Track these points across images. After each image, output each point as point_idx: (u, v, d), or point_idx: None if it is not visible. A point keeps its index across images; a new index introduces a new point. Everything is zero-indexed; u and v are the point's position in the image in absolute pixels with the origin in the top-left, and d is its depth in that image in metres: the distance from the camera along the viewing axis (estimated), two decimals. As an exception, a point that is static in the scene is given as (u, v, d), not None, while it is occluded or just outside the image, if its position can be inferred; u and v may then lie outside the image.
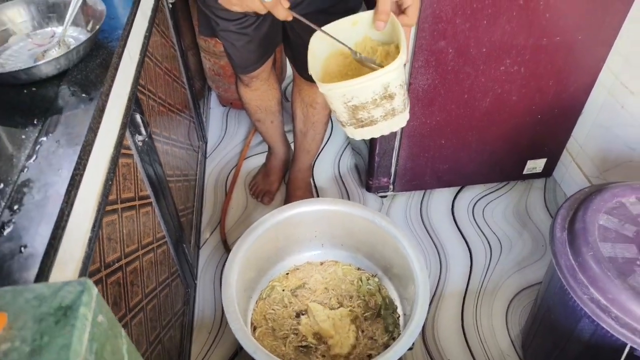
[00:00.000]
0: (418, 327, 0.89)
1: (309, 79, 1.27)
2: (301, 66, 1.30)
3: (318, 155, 1.80)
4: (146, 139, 1.03)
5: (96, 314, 0.39)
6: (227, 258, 1.08)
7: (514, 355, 1.27)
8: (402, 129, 1.42)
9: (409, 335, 0.88)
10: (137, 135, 0.99)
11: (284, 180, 1.71)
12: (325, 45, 0.79)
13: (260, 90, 1.38)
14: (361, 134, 0.80)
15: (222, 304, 1.37)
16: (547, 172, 1.65)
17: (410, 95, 1.34)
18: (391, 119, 0.77)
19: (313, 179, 1.72)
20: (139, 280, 0.95)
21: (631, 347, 0.85)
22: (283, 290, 1.14)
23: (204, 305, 1.39)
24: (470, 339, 1.31)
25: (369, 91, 0.71)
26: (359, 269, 1.22)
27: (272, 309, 1.11)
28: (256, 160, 1.80)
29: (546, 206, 1.63)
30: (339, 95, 0.73)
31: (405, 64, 1.02)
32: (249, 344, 0.87)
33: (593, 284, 0.89)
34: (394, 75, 0.71)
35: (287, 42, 1.28)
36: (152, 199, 1.07)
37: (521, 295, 1.40)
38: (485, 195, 1.66)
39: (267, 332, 1.08)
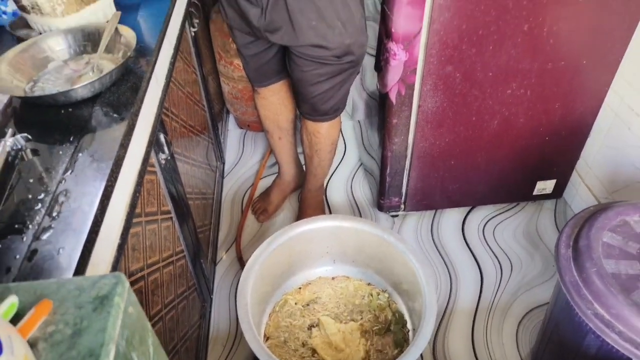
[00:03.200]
0: (425, 339, 0.92)
1: (306, 115, 1.35)
2: (298, 101, 1.37)
3: (331, 177, 1.85)
4: (168, 158, 1.10)
5: (127, 305, 0.44)
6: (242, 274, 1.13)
7: (525, 373, 1.28)
8: (413, 149, 1.47)
9: (417, 348, 0.91)
10: (160, 153, 1.06)
11: (297, 198, 1.77)
12: None
13: (268, 100, 1.45)
14: None
15: (236, 318, 1.42)
16: (558, 193, 1.67)
17: (420, 117, 1.39)
18: None
19: (326, 198, 1.77)
20: (159, 291, 1.00)
21: (636, 362, 0.87)
22: (296, 304, 1.17)
23: (219, 320, 1.43)
24: (481, 356, 1.32)
25: None
26: (369, 284, 1.25)
27: (285, 322, 1.14)
28: (271, 180, 1.86)
29: (557, 227, 1.64)
30: None
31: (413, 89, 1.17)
32: (262, 353, 0.91)
33: (597, 299, 0.91)
34: None
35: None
36: (173, 214, 1.13)
37: (531, 314, 1.41)
38: (496, 215, 1.69)
39: (279, 344, 1.11)
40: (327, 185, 1.81)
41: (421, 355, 1.01)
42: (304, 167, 1.69)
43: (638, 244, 0.99)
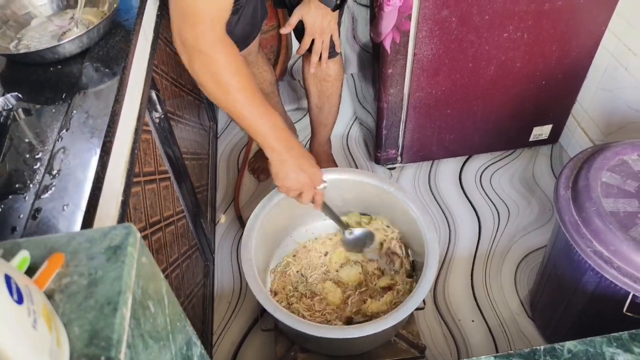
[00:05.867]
0: (428, 283, 0.94)
1: (321, 59, 1.30)
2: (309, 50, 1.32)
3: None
4: (162, 116, 1.07)
5: (140, 254, 0.43)
6: (242, 232, 1.13)
7: (523, 314, 1.32)
8: (409, 100, 1.46)
9: (420, 293, 0.93)
10: (154, 112, 1.04)
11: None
12: None
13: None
14: None
15: (240, 276, 1.44)
16: (554, 138, 1.68)
17: (416, 66, 1.36)
18: None
19: (323, 154, 1.76)
20: (164, 250, 1.01)
21: (634, 295, 0.90)
22: (297, 272, 1.18)
23: (222, 278, 1.45)
24: (480, 299, 1.36)
25: None
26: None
27: (288, 279, 1.16)
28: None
29: (553, 172, 1.66)
30: None
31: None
32: (269, 304, 0.93)
33: (596, 237, 0.93)
34: None
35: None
36: (171, 174, 1.12)
37: (529, 258, 1.44)
38: (493, 163, 1.70)
39: (285, 297, 1.13)
40: (322, 141, 1.80)
41: (423, 300, 1.04)
42: (301, 123, 1.66)
43: (636, 181, 1.00)
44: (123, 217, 0.62)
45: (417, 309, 0.94)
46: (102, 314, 0.37)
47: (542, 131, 1.64)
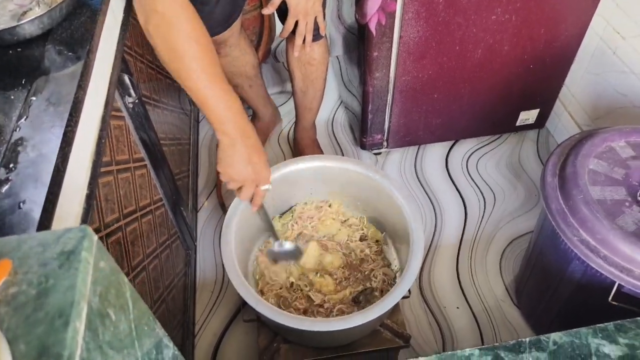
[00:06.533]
0: (413, 274, 0.92)
1: (305, 41, 1.25)
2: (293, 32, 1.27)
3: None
4: (136, 101, 1.02)
5: (97, 259, 0.40)
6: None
7: (509, 300, 1.31)
8: (394, 83, 1.42)
9: (405, 283, 0.91)
10: (127, 97, 0.99)
11: (278, 140, 1.71)
12: None
13: (230, 56, 1.37)
14: None
15: (222, 264, 1.41)
16: (540, 123, 1.66)
17: (402, 49, 1.32)
18: None
19: (307, 139, 1.72)
20: (140, 241, 0.97)
21: (619, 284, 0.89)
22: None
23: (205, 266, 1.42)
24: (466, 286, 1.35)
25: None
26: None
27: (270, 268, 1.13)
28: (249, 123, 1.79)
29: (539, 157, 1.64)
30: None
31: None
32: (251, 297, 0.90)
33: (583, 225, 0.91)
34: None
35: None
36: (147, 162, 1.08)
37: (514, 243, 1.43)
38: (479, 148, 1.67)
39: (268, 286, 1.10)
40: (307, 126, 1.75)
41: (409, 289, 1.02)
42: (283, 107, 1.62)
43: (623, 169, 0.98)
44: (88, 212, 0.58)
45: (402, 297, 0.92)
46: (52, 327, 0.34)
47: (528, 116, 1.62)
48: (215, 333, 1.29)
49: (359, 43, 1.39)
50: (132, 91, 1.00)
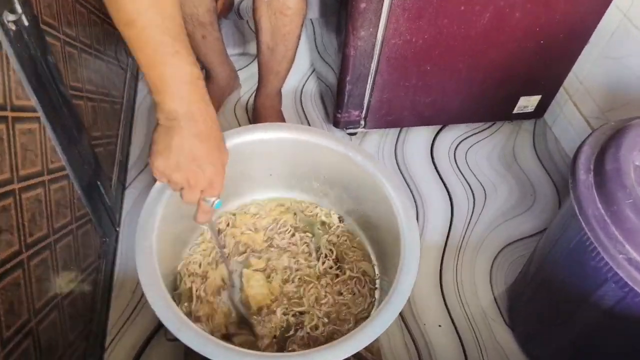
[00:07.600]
0: (404, 297, 0.66)
1: None
2: None
3: (276, 83, 1.50)
4: (25, 24, 0.71)
5: None
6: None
7: (499, 319, 1.09)
8: (382, 47, 1.15)
9: (393, 309, 0.66)
10: (6, 13, 0.67)
11: (233, 108, 1.42)
12: None
13: None
14: None
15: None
16: (539, 112, 1.44)
17: (396, 3, 1.06)
18: None
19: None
20: (13, 225, 0.67)
21: (671, 319, 0.67)
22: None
23: (127, 258, 1.12)
24: (449, 299, 1.11)
25: None
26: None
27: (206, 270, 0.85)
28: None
29: (535, 151, 1.43)
30: None
31: None
32: (172, 319, 0.62)
33: (630, 240, 0.69)
34: None
35: None
36: (40, 112, 0.76)
37: (507, 250, 1.21)
38: (469, 136, 1.44)
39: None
40: (271, 94, 1.46)
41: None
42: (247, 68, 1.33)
43: (677, 168, 0.76)
44: None
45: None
46: None
47: (528, 102, 1.40)
48: (133, 346, 1.00)
49: (343, -8, 1.11)
50: (17, 6, 0.68)
